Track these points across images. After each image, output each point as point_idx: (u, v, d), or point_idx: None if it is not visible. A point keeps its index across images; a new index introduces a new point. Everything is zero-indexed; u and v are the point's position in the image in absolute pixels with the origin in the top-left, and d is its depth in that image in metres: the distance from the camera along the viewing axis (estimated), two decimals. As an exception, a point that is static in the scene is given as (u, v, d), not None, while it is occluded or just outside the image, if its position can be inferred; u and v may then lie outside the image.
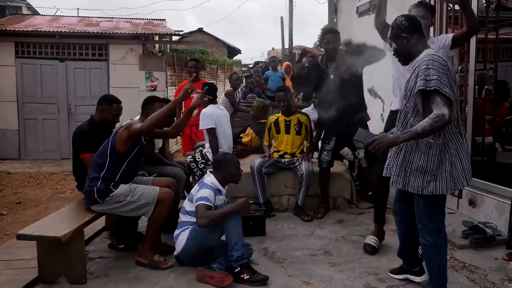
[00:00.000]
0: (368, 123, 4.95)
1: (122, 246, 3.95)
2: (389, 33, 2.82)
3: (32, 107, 9.92)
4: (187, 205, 3.59)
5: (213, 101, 5.05)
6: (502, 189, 4.20)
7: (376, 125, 7.24)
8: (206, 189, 3.50)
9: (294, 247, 3.95)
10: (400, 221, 3.09)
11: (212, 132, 4.84)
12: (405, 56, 2.81)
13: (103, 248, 3.98)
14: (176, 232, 3.55)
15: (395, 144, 2.64)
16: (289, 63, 10.09)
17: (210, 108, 4.94)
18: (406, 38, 2.73)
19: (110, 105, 3.89)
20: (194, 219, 3.45)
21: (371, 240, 3.84)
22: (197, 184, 3.68)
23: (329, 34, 4.84)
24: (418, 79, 2.55)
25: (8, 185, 7.34)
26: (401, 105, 2.82)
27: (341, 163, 5.56)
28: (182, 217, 3.58)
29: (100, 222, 4.06)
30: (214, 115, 4.87)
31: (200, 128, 5.03)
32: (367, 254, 3.77)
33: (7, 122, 9.72)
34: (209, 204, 3.41)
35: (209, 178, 3.62)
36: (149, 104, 3.95)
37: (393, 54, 2.89)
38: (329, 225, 4.57)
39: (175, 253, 3.54)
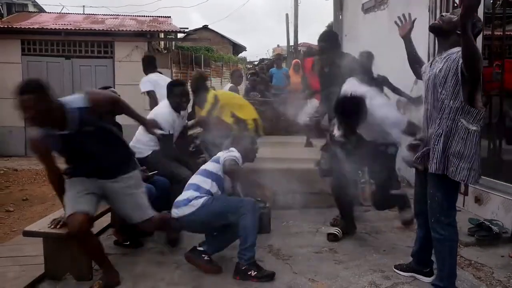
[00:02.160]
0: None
1: (128, 243, 3.96)
2: (446, 13, 2.88)
3: (38, 104, 9.95)
4: (210, 166, 3.56)
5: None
6: (508, 186, 4.18)
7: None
8: (237, 153, 3.59)
9: (299, 244, 3.95)
10: (424, 224, 3.06)
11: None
12: (443, 38, 2.82)
13: (109, 244, 3.99)
14: (190, 193, 3.38)
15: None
16: (297, 60, 10.03)
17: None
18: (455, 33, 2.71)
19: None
20: (214, 188, 3.41)
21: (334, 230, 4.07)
22: (222, 152, 3.68)
23: (322, 42, 4.73)
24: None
25: (15, 182, 7.38)
26: (430, 99, 2.81)
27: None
28: (201, 181, 3.45)
29: (106, 219, 4.07)
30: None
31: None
32: (372, 252, 3.76)
33: (13, 119, 9.74)
34: (237, 162, 3.50)
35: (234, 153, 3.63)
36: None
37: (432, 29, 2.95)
38: (335, 222, 4.56)
39: (177, 214, 3.37)
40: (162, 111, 4.36)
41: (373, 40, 7.49)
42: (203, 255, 3.38)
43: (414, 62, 3.26)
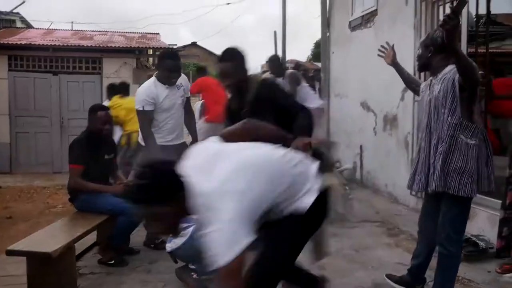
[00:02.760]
0: (362, 135, 4.96)
1: (113, 262, 3.90)
2: (423, 38, 3.01)
3: (24, 120, 9.88)
4: None
5: None
6: (494, 202, 4.20)
7: (369, 137, 7.29)
8: None
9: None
10: (426, 239, 3.07)
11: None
12: (422, 65, 3.00)
13: (94, 263, 3.93)
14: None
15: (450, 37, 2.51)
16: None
17: None
18: (432, 52, 2.86)
19: (94, 114, 3.99)
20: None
21: None
22: None
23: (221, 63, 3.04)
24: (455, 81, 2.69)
25: (-1, 199, 7.26)
26: (430, 120, 2.87)
27: (333, 175, 5.55)
28: None
29: (92, 237, 4.02)
30: None
31: None
32: (360, 268, 3.75)
33: (-2, 135, 9.68)
34: None
35: None
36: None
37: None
38: (323, 239, 4.54)
39: (170, 248, 3.24)
40: (143, 86, 4.17)
41: (360, 58, 7.60)
42: (192, 273, 3.32)
43: (410, 83, 3.37)
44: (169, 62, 4.03)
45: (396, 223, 5.15)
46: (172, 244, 3.24)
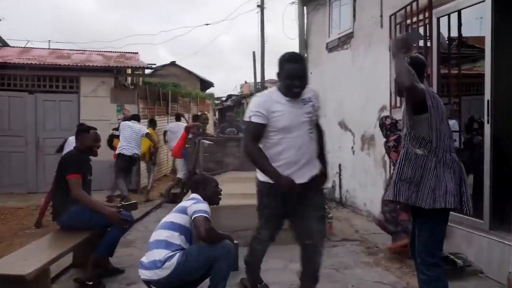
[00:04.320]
0: (341, 154, 5.01)
1: (91, 283, 3.81)
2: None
3: (-2, 139, 9.66)
4: (176, 217, 3.29)
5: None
6: (471, 220, 4.28)
7: (348, 157, 7.38)
8: (204, 204, 3.32)
9: (267, 281, 3.89)
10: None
11: None
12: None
13: (69, 286, 3.84)
14: (160, 253, 3.13)
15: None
16: None
17: None
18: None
19: (87, 132, 4.23)
20: (184, 242, 3.20)
21: None
22: (188, 199, 3.44)
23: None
24: None
25: (-30, 221, 7.04)
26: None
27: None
28: (170, 236, 3.20)
29: (67, 259, 3.93)
30: None
31: None
32: (340, 287, 3.75)
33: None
34: (209, 218, 3.21)
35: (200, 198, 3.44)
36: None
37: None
38: (303, 258, 4.53)
39: (149, 277, 3.14)
40: (259, 94, 3.44)
41: (336, 78, 7.75)
42: None
43: None
44: (288, 67, 3.04)
45: (375, 242, 5.19)
46: (151, 273, 3.11)
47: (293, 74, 2.99)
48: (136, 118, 8.60)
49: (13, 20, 57.55)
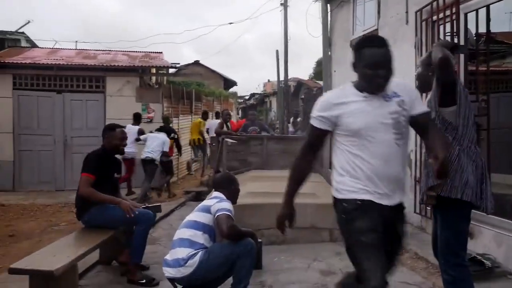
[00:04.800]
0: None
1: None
2: (423, 57, 3.09)
3: (28, 138, 9.91)
4: (199, 216, 3.34)
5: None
6: (499, 220, 4.18)
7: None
8: (227, 203, 3.36)
9: (291, 280, 3.90)
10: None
11: None
12: (422, 84, 3.04)
13: (96, 281, 3.91)
14: (183, 251, 3.18)
15: None
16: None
17: None
18: (432, 71, 2.87)
19: (113, 131, 4.25)
20: (207, 241, 3.25)
21: None
22: (211, 198, 3.50)
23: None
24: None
25: (1, 217, 7.24)
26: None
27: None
28: (193, 235, 3.25)
29: (94, 255, 4.00)
30: None
31: None
32: None
33: (2, 154, 9.68)
34: (232, 217, 3.25)
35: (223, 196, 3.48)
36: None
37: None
38: (326, 258, 4.52)
39: (173, 275, 3.20)
40: (328, 92, 3.06)
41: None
42: None
43: None
44: (369, 53, 2.41)
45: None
46: (174, 271, 3.18)
47: (376, 61, 2.37)
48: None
49: (42, 21, 58.96)
